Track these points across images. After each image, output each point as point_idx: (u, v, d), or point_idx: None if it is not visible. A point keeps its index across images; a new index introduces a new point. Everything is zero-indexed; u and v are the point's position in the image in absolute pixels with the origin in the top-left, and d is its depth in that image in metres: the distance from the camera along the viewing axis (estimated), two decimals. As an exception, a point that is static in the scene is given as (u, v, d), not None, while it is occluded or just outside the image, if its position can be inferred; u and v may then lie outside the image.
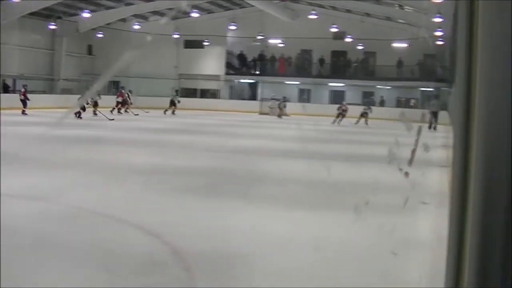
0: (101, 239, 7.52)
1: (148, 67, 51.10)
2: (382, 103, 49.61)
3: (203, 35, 53.11)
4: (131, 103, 42.07)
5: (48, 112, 32.45)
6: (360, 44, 50.33)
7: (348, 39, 49.58)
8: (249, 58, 55.51)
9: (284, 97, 46.65)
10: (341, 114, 38.45)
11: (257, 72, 55.38)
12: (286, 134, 27.75)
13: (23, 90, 35.20)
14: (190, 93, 54.28)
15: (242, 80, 56.33)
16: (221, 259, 6.80)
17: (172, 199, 10.61)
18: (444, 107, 33.41)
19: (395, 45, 48.41)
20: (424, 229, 8.54)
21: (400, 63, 50.41)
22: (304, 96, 54.19)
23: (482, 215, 1.47)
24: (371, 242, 7.77)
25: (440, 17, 35.54)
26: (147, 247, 7.28)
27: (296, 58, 54.49)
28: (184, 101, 45.16)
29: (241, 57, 55.57)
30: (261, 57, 55.13)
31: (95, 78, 49.80)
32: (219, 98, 53.32)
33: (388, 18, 47.72)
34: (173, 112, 41.96)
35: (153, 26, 51.24)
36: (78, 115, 30.62)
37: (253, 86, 55.42)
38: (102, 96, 34.27)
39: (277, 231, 8.32)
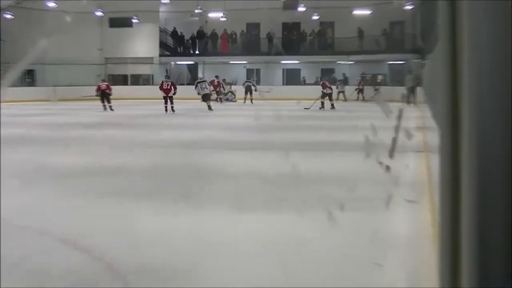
0: (22, 255, 7.37)
1: (67, 52, 50.40)
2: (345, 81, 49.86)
3: (131, 11, 52.59)
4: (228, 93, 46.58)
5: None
6: (315, 14, 50.41)
7: (301, 9, 49.61)
8: (187, 36, 55.25)
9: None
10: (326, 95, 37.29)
11: (197, 52, 55.14)
12: (234, 122, 27.68)
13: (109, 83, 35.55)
14: (119, 80, 53.86)
15: (179, 62, 56.03)
16: (163, 274, 6.72)
17: (103, 206, 10.43)
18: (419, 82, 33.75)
19: (356, 12, 48.61)
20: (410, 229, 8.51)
21: (362, 34, 50.54)
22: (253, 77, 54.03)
23: (477, 208, 1.42)
24: (349, 251, 7.64)
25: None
26: (75, 264, 7.14)
27: (241, 34, 54.45)
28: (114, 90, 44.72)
29: (176, 35, 55.21)
30: (201, 34, 54.83)
31: (7, 66, 49.16)
32: (153, 84, 52.96)
33: (347, -18, 47.92)
34: (251, 101, 43.83)
35: (72, 4, 50.68)
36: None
37: (193, 69, 55.18)
38: None
39: (226, 238, 8.23)
